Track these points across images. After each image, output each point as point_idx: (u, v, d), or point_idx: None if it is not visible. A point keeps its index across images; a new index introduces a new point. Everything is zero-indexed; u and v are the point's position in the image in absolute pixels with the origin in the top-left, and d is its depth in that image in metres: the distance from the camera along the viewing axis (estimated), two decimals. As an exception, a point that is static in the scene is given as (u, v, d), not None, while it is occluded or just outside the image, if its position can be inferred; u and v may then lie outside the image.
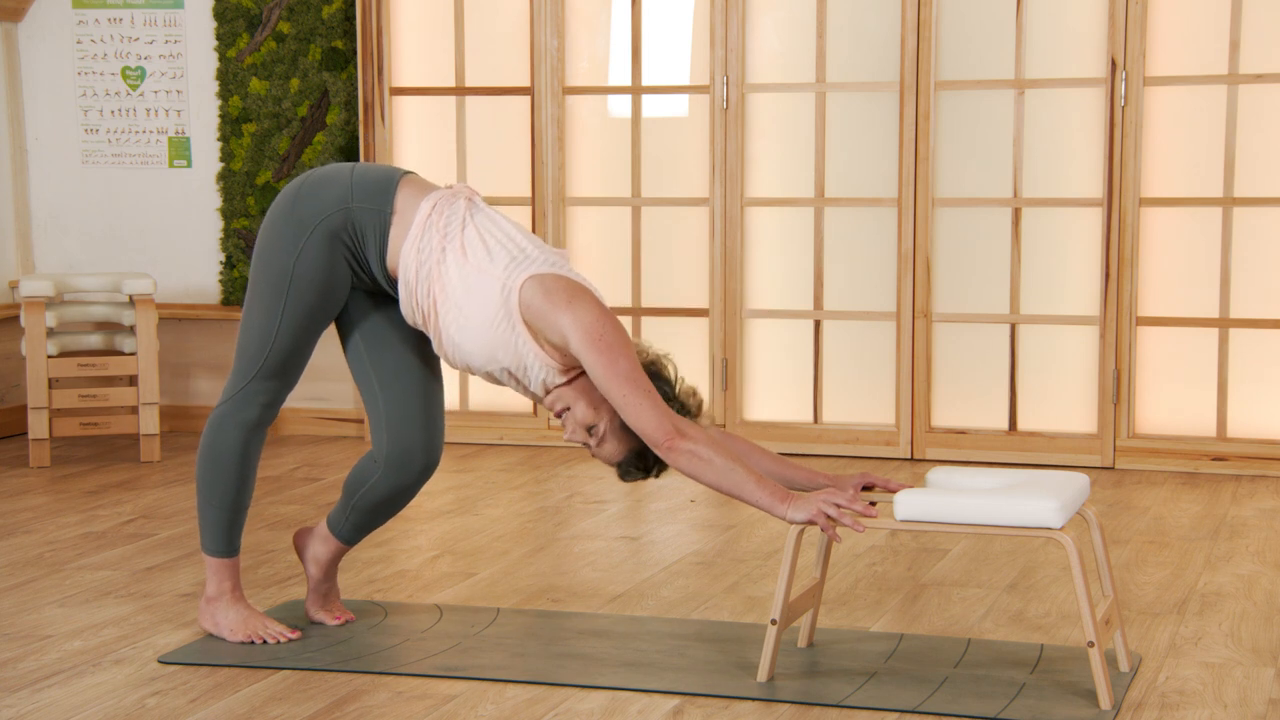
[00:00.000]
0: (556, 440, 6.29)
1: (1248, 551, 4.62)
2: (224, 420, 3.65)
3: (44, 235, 6.81)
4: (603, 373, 3.31)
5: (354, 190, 3.54)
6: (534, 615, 3.99)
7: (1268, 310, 5.72)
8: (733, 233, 6.10)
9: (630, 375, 3.31)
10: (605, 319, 3.36)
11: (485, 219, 3.51)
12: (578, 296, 3.37)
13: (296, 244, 3.53)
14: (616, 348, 3.32)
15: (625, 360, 3.32)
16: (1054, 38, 5.81)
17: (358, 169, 3.60)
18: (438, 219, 3.47)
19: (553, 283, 3.39)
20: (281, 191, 3.64)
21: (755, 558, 4.57)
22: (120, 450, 6.27)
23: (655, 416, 3.31)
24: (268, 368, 3.60)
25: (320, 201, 3.55)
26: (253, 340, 3.60)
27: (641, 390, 3.31)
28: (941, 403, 6.00)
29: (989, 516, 3.27)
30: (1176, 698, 3.38)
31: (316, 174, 3.62)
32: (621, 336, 3.36)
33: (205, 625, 3.78)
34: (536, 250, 3.46)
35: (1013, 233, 5.91)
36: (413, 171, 3.66)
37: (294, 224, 3.55)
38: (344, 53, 6.42)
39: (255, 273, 3.60)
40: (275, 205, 3.62)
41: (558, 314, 3.35)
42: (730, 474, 3.30)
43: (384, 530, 4.91)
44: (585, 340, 3.32)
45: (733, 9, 6.02)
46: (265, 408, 3.64)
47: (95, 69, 6.71)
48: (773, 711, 3.31)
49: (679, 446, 3.30)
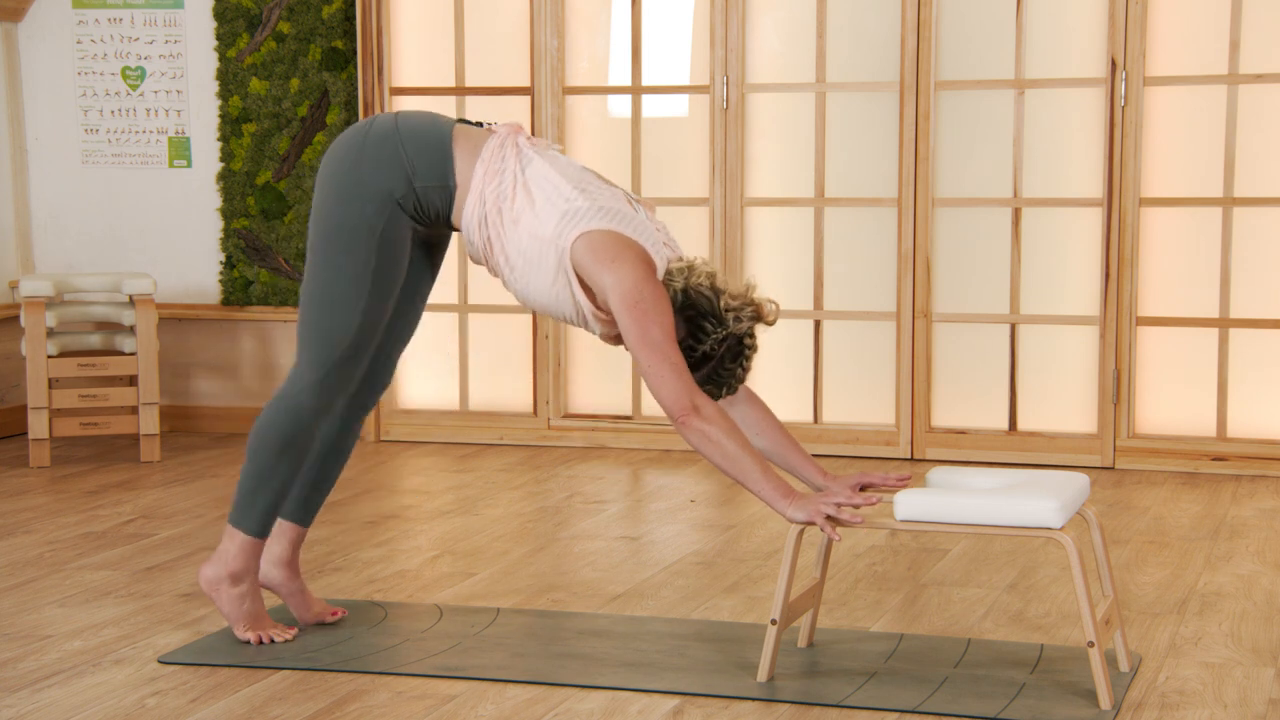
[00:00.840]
0: (556, 440, 6.29)
1: (1248, 551, 4.62)
2: (305, 405, 3.57)
3: (44, 235, 6.81)
4: (634, 336, 3.31)
5: (415, 168, 3.50)
6: (534, 615, 3.99)
7: (1268, 310, 5.72)
8: (733, 233, 6.10)
9: (659, 344, 3.30)
10: (643, 283, 3.33)
11: (534, 173, 3.47)
12: (620, 256, 3.35)
13: (373, 236, 3.50)
14: (651, 314, 3.31)
15: (657, 328, 3.31)
16: (1054, 38, 5.81)
17: (405, 133, 3.52)
18: (490, 184, 3.47)
19: (599, 240, 3.38)
20: (330, 168, 3.56)
21: (755, 558, 4.57)
22: (120, 450, 6.27)
23: (675, 389, 3.29)
24: (352, 351, 3.56)
25: (385, 184, 3.50)
26: (336, 326, 3.53)
27: (667, 361, 3.29)
28: (941, 403, 6.00)
29: (989, 516, 3.27)
30: (1176, 698, 3.38)
31: (370, 148, 3.53)
32: (658, 302, 3.33)
33: (210, 591, 3.69)
34: (586, 200, 3.42)
35: (1013, 233, 5.91)
36: (457, 123, 3.60)
37: (366, 209, 3.49)
38: (344, 53, 6.42)
39: (327, 257, 3.53)
40: (333, 183, 3.54)
41: (601, 273, 3.36)
42: (738, 461, 3.29)
43: (384, 530, 4.92)
44: (622, 303, 3.33)
45: (733, 9, 6.02)
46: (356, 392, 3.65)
47: (95, 69, 6.71)
48: (773, 711, 3.31)
49: (693, 424, 3.28)
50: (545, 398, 6.29)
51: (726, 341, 3.41)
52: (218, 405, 6.73)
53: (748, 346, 3.43)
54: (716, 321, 3.40)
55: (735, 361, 3.42)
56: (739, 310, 3.42)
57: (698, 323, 3.40)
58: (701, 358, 3.41)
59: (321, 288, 3.55)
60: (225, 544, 3.69)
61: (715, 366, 3.42)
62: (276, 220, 6.53)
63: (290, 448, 3.61)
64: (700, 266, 3.45)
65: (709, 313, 3.40)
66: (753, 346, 3.44)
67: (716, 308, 3.40)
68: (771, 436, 3.53)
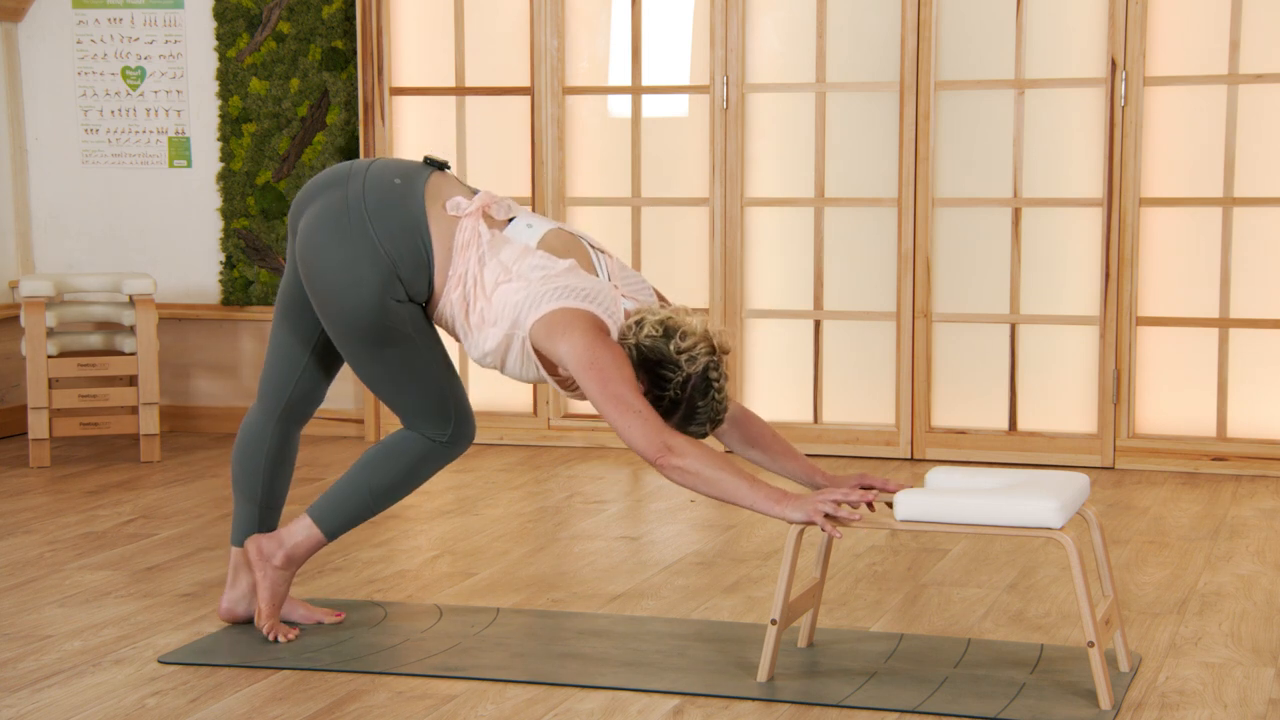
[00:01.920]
0: (556, 440, 6.29)
1: (1248, 551, 4.62)
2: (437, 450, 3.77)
3: (44, 235, 6.81)
4: (596, 395, 3.40)
5: (398, 265, 3.59)
6: (534, 615, 3.99)
7: (1268, 310, 5.72)
8: (733, 233, 6.10)
9: (620, 396, 3.38)
10: (595, 345, 3.43)
11: (489, 274, 3.58)
12: (571, 326, 3.45)
13: (396, 329, 3.62)
14: (607, 370, 3.40)
15: (615, 382, 3.40)
16: (1054, 38, 5.81)
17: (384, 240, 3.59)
18: (455, 291, 3.60)
19: (550, 319, 3.48)
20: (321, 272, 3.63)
21: (755, 558, 4.57)
22: (120, 450, 6.27)
23: (645, 434, 3.35)
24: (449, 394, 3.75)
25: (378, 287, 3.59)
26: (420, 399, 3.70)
27: (631, 410, 3.37)
28: (941, 403, 6.00)
29: (989, 516, 3.27)
30: (1176, 698, 3.38)
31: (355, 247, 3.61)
32: (615, 360, 3.42)
33: (259, 564, 3.76)
34: (528, 290, 3.52)
35: (1013, 233, 5.91)
36: (418, 192, 3.65)
37: (378, 313, 3.60)
38: (344, 53, 6.42)
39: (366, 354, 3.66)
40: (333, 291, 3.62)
41: (556, 346, 3.46)
42: (723, 483, 3.33)
43: (384, 530, 4.92)
44: (579, 367, 3.42)
45: (733, 9, 6.02)
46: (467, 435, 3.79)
47: (95, 69, 6.71)
48: (773, 711, 3.31)
49: (670, 463, 3.34)
50: (545, 398, 6.29)
51: (690, 382, 3.47)
52: (218, 405, 6.73)
53: (713, 381, 3.49)
54: (674, 367, 3.47)
55: (706, 397, 3.49)
56: (692, 349, 3.48)
57: (657, 372, 3.48)
58: (671, 403, 3.49)
59: (390, 380, 3.70)
60: (295, 527, 3.79)
61: (689, 408, 3.49)
62: (276, 220, 6.53)
63: (402, 481, 3.78)
64: (650, 317, 3.52)
65: (665, 360, 3.47)
66: (719, 378, 3.50)
67: (669, 354, 3.47)
68: (764, 445, 3.61)
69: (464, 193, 3.69)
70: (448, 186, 3.68)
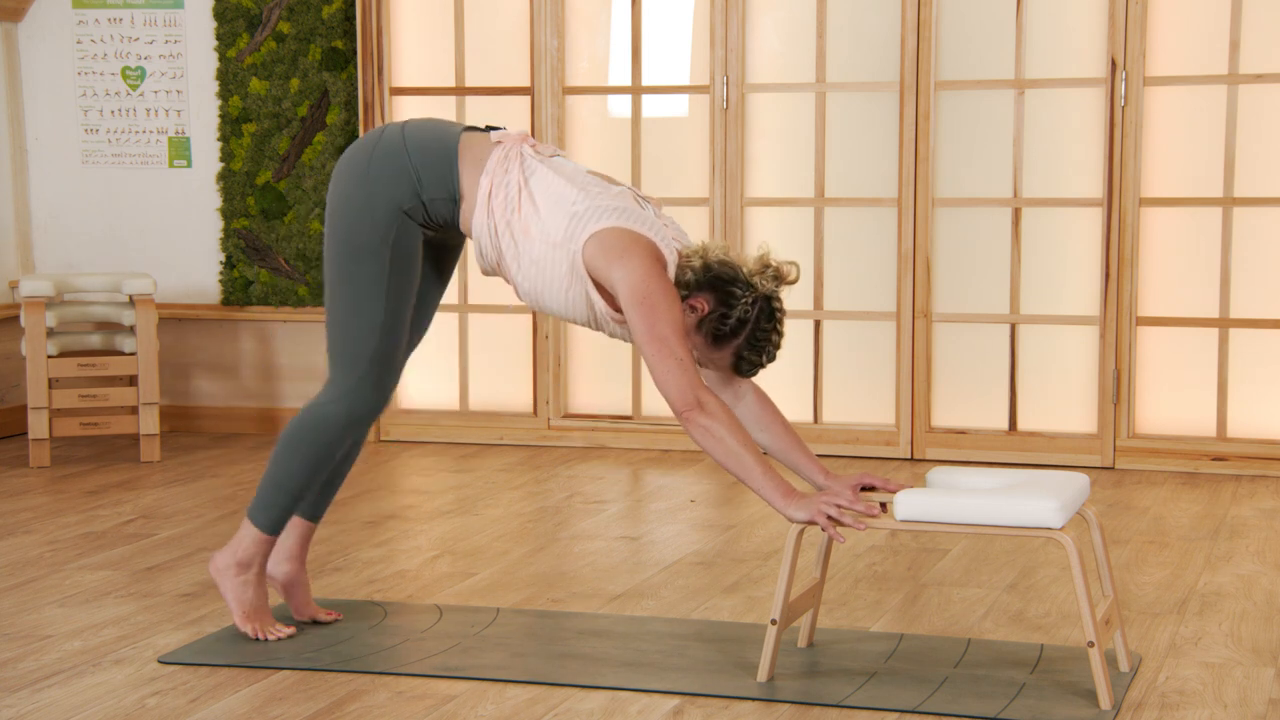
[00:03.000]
0: (556, 440, 6.29)
1: (1248, 551, 4.62)
2: (331, 416, 3.64)
3: (44, 235, 6.81)
4: (641, 331, 3.35)
5: (421, 180, 3.54)
6: (534, 615, 3.99)
7: (1268, 310, 5.72)
8: (733, 233, 6.09)
9: (665, 339, 3.33)
10: (650, 278, 3.37)
11: (538, 182, 3.51)
12: (629, 251, 3.39)
13: (385, 246, 3.55)
14: (658, 309, 3.34)
15: (664, 323, 3.34)
16: (1054, 38, 5.81)
17: (413, 151, 3.56)
18: (498, 196, 3.51)
19: (608, 237, 3.41)
20: (341, 179, 3.60)
21: (755, 558, 4.57)
22: (120, 450, 6.27)
23: (680, 385, 3.32)
24: (379, 355, 3.61)
25: (394, 195, 3.54)
26: (360, 333, 3.59)
27: (673, 356, 3.33)
28: (941, 403, 6.00)
29: (989, 516, 3.27)
30: (1176, 698, 3.38)
31: (377, 163, 3.58)
32: (666, 297, 3.37)
33: (218, 578, 3.74)
34: (591, 201, 3.47)
35: (1013, 233, 5.91)
36: (464, 132, 3.64)
37: (376, 226, 3.55)
38: (344, 53, 6.42)
39: (343, 270, 3.58)
40: (343, 197, 3.59)
41: (610, 269, 3.40)
42: (740, 458, 3.31)
43: (384, 530, 4.92)
44: (630, 297, 3.36)
45: (733, 9, 6.02)
46: (378, 400, 3.66)
47: (95, 69, 6.71)
48: (773, 711, 3.31)
49: (697, 420, 3.31)
50: (545, 398, 6.29)
51: (757, 304, 3.45)
52: (218, 405, 6.73)
53: (777, 309, 3.48)
54: (745, 285, 3.45)
55: (770, 323, 3.47)
56: (761, 273, 3.47)
57: (726, 289, 3.44)
58: (736, 324, 3.46)
59: (342, 303, 3.61)
60: (240, 533, 3.75)
61: (752, 330, 3.46)
62: (276, 220, 6.54)
63: (317, 456, 3.67)
64: (713, 245, 3.51)
65: (735, 279, 3.45)
66: (781, 308, 3.50)
67: (741, 274, 3.45)
68: (776, 433, 3.56)
69: None
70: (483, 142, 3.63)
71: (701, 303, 3.45)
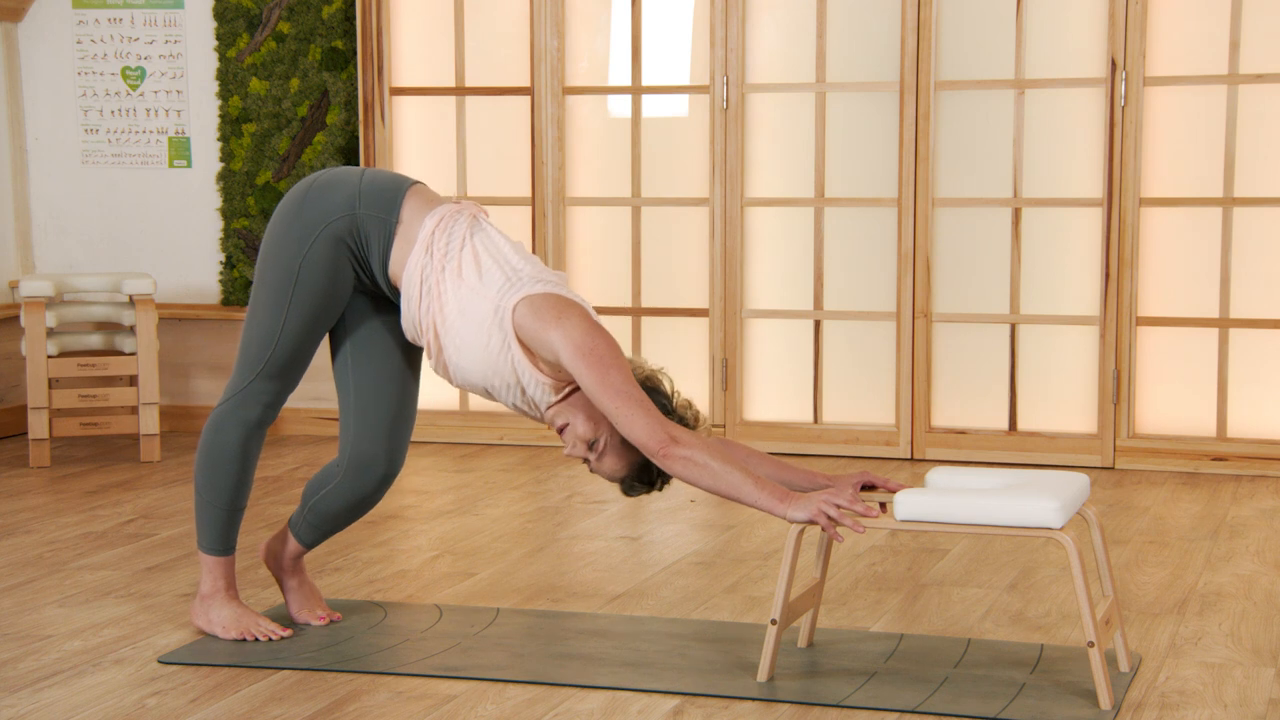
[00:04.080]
0: (556, 440, 6.29)
1: (1248, 551, 4.62)
2: (224, 420, 3.67)
3: (44, 235, 6.81)
4: (595, 385, 3.33)
5: (362, 196, 3.56)
6: (534, 615, 3.99)
7: (1268, 310, 5.72)
8: (733, 233, 6.10)
9: (621, 387, 3.33)
10: (595, 333, 3.37)
11: (484, 239, 3.53)
12: (567, 313, 3.39)
13: (302, 247, 3.56)
14: (607, 360, 3.34)
15: (616, 372, 3.34)
16: (1054, 38, 5.81)
17: (367, 174, 3.62)
18: (440, 237, 3.50)
19: (542, 301, 3.41)
20: (288, 192, 3.67)
21: (755, 558, 4.57)
22: (120, 450, 6.27)
23: (649, 425, 3.32)
24: (270, 368, 3.62)
25: (327, 204, 3.57)
26: (255, 340, 3.62)
27: (634, 401, 3.33)
28: (941, 403, 6.00)
29: (989, 516, 3.27)
30: (1176, 698, 3.38)
31: (325, 176, 3.63)
32: (612, 349, 3.38)
33: (198, 623, 3.79)
34: (532, 270, 3.49)
35: (1013, 233, 5.91)
36: (421, 182, 3.67)
37: (300, 226, 3.57)
38: (344, 53, 6.42)
39: (260, 273, 3.62)
40: (282, 206, 3.64)
41: (548, 331, 3.38)
42: (727, 477, 3.31)
43: (384, 530, 4.92)
44: (576, 354, 3.35)
45: (733, 9, 6.02)
46: (266, 408, 3.65)
47: (95, 69, 6.71)
48: (773, 711, 3.31)
49: (674, 454, 3.31)
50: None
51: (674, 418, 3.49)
52: (218, 405, 6.73)
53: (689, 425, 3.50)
54: (667, 399, 3.49)
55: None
56: (686, 408, 3.51)
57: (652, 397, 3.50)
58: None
59: (251, 305, 3.64)
60: (201, 566, 3.78)
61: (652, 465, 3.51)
62: (276, 220, 6.53)
63: (216, 459, 3.67)
64: (638, 364, 3.52)
65: (657, 390, 3.48)
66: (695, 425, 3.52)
67: (662, 386, 3.49)
68: (757, 463, 3.55)
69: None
70: (436, 195, 3.67)
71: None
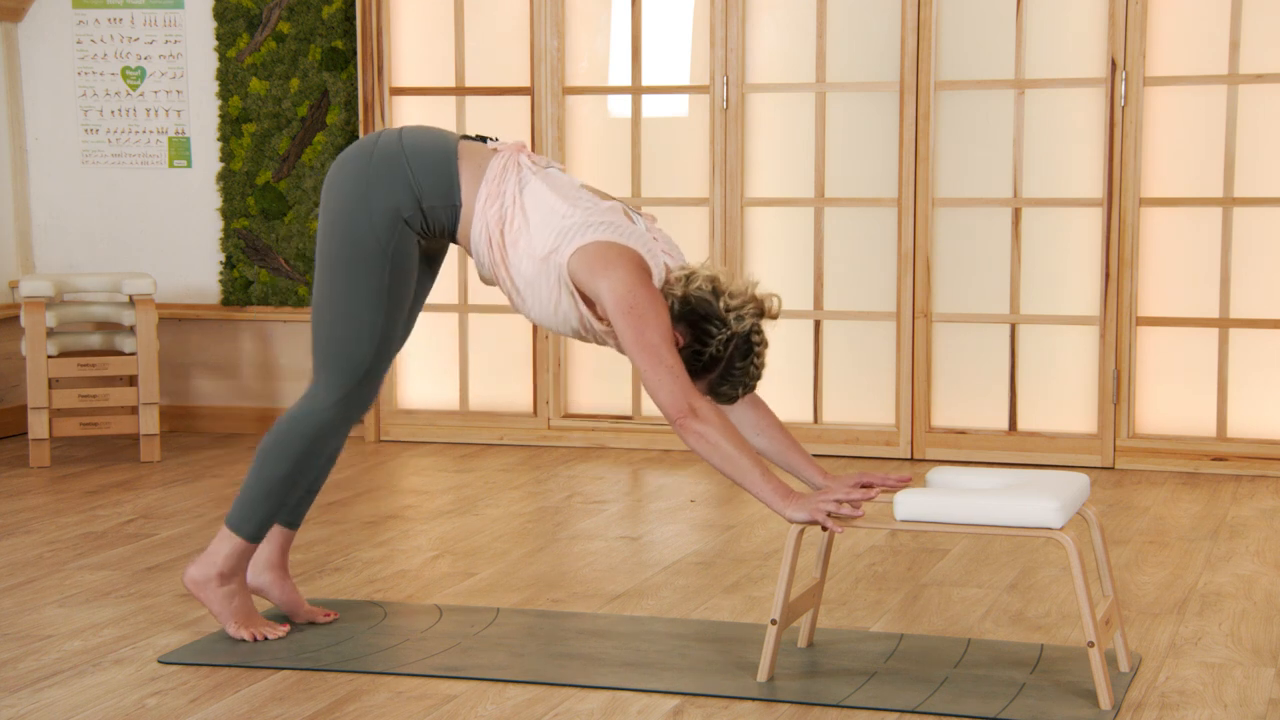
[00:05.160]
0: (556, 440, 6.29)
1: (1248, 551, 4.62)
2: (327, 422, 3.63)
3: (44, 235, 6.81)
4: (629, 340, 3.35)
5: (420, 187, 3.53)
6: (534, 615, 3.99)
7: (1268, 310, 5.72)
8: (733, 233, 6.09)
9: (654, 347, 3.33)
10: (636, 288, 3.36)
11: (530, 194, 3.51)
12: (613, 263, 3.39)
13: (384, 254, 3.54)
14: (646, 317, 3.34)
15: (652, 331, 3.34)
16: (1054, 38, 5.81)
17: (412, 157, 3.55)
18: (492, 207, 3.51)
19: (593, 251, 3.41)
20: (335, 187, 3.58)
21: (755, 558, 4.57)
22: (120, 450, 6.27)
23: (672, 392, 3.31)
24: (378, 362, 3.62)
25: (393, 202, 3.54)
26: (355, 340, 3.57)
27: (663, 364, 3.32)
28: (941, 403, 6.00)
29: (989, 516, 3.27)
30: (1176, 698, 3.38)
31: (376, 169, 3.56)
32: (653, 305, 3.36)
33: (199, 594, 3.73)
34: (582, 216, 3.46)
35: (1013, 233, 5.91)
36: (460, 141, 3.63)
37: (377, 234, 3.53)
38: (344, 53, 6.42)
39: (340, 276, 3.56)
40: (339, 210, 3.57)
41: (596, 281, 3.39)
42: (736, 462, 3.30)
43: (384, 530, 4.92)
44: (616, 308, 3.36)
45: (733, 9, 6.02)
46: (369, 404, 3.68)
47: (95, 69, 6.71)
48: (773, 711, 3.31)
49: (690, 426, 3.30)
50: (545, 398, 6.29)
51: (733, 341, 3.43)
52: (218, 405, 6.73)
53: (755, 343, 3.46)
54: (720, 324, 3.42)
55: (746, 359, 3.44)
56: (740, 309, 3.44)
57: (701, 326, 3.43)
58: (710, 360, 3.44)
59: (338, 309, 3.59)
60: (217, 545, 3.73)
61: (726, 367, 3.45)
62: (276, 220, 6.54)
63: (303, 464, 3.67)
64: (701, 271, 3.47)
65: (711, 315, 3.42)
66: (761, 342, 3.47)
67: (717, 309, 3.42)
68: (772, 436, 3.56)
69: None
70: (481, 150, 3.64)
71: (677, 335, 3.44)
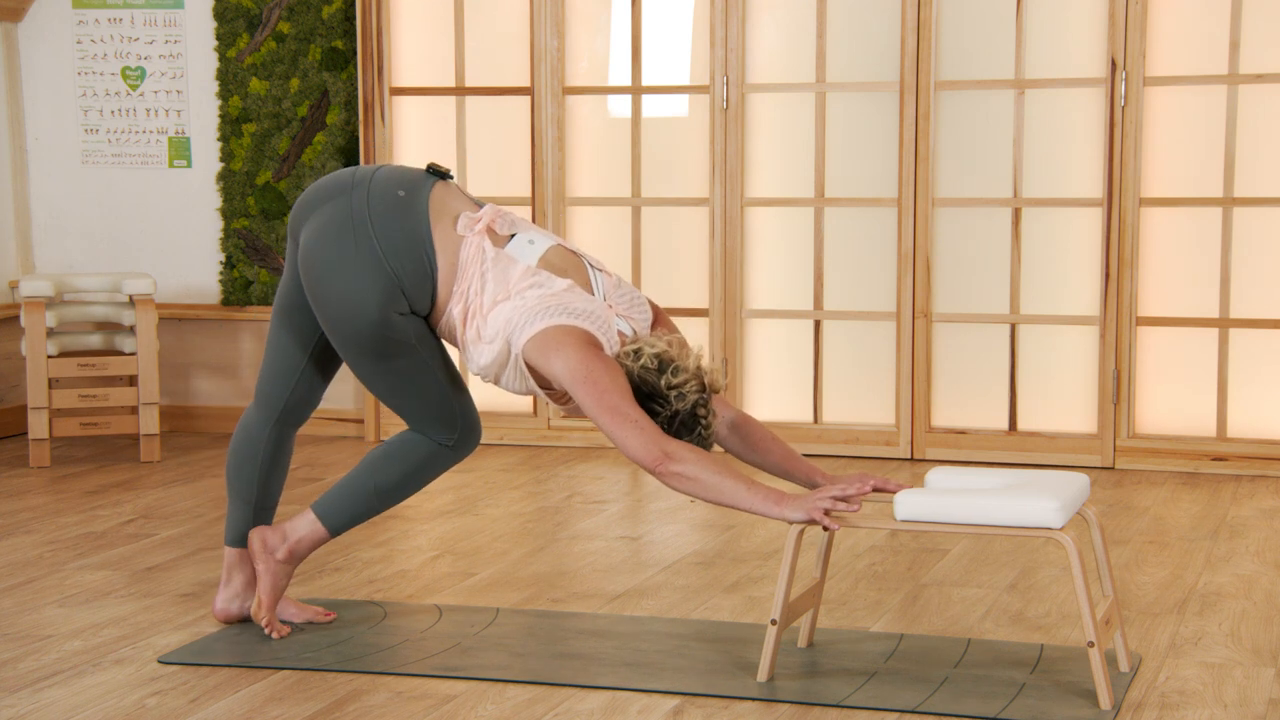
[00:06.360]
0: (556, 440, 6.29)
1: (1248, 551, 4.62)
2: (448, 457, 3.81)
3: (44, 235, 6.81)
4: (591, 406, 3.43)
5: (402, 280, 3.60)
6: (534, 615, 3.99)
7: (1268, 310, 5.72)
8: (733, 233, 6.10)
9: (615, 407, 3.40)
10: (588, 359, 3.45)
11: (493, 284, 3.59)
12: (563, 343, 3.47)
13: (406, 339, 3.64)
14: (602, 383, 3.42)
15: (610, 394, 3.42)
16: (1054, 38, 5.81)
17: (389, 256, 3.60)
18: (457, 306, 3.61)
19: (543, 337, 3.50)
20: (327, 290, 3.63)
21: (755, 558, 4.57)
22: (120, 450, 6.27)
23: (642, 443, 3.37)
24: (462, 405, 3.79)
25: (388, 306, 3.60)
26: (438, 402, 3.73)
27: (628, 420, 3.39)
28: (941, 403, 6.00)
29: (989, 516, 3.27)
30: (1176, 698, 3.38)
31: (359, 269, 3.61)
32: (608, 371, 3.44)
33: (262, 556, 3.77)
34: (536, 298, 3.54)
35: (1013, 233, 5.91)
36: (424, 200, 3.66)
37: (391, 328, 3.62)
38: (344, 53, 6.42)
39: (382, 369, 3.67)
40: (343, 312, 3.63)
41: (549, 365, 3.48)
42: (721, 486, 3.34)
43: (384, 530, 4.92)
44: (572, 381, 3.44)
45: (733, 9, 6.02)
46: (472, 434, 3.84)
47: (95, 69, 6.71)
48: (773, 711, 3.31)
49: (669, 469, 3.36)
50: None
51: (678, 417, 3.50)
52: (218, 405, 6.73)
53: (701, 418, 3.52)
54: (664, 401, 3.49)
55: (692, 433, 3.52)
56: (682, 385, 3.50)
57: (647, 405, 3.50)
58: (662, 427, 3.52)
59: (400, 391, 3.72)
60: (300, 523, 3.82)
61: (674, 436, 3.52)
62: (276, 220, 6.54)
63: (416, 481, 3.81)
64: (647, 349, 3.53)
65: (654, 394, 3.49)
66: (707, 415, 3.52)
67: (660, 389, 3.49)
68: (769, 450, 3.62)
69: (468, 205, 3.70)
70: (452, 198, 3.68)
71: None
